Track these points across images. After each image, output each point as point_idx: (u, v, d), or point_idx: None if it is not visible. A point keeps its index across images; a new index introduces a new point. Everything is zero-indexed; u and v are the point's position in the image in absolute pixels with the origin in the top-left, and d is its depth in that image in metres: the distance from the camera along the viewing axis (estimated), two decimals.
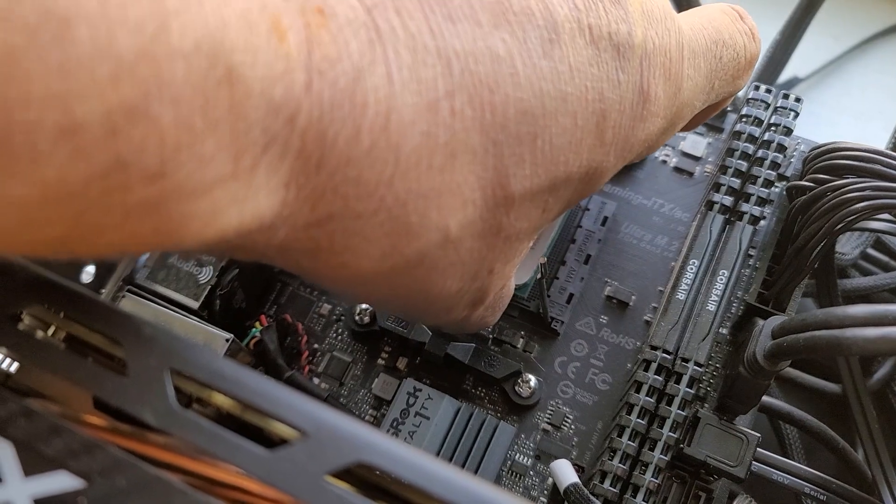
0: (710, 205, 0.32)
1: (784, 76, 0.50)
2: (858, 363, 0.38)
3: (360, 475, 0.18)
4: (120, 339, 0.17)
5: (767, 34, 0.46)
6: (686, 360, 0.29)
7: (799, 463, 0.32)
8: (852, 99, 0.53)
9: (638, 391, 0.29)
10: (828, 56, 0.54)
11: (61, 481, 0.16)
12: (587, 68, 0.21)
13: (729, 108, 0.37)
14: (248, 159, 0.16)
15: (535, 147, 0.21)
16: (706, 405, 0.31)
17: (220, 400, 0.19)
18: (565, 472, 0.29)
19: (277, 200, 0.17)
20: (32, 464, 0.16)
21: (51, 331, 0.20)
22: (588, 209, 0.36)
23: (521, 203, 0.22)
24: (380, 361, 0.35)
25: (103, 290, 0.34)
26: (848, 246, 0.40)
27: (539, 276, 0.31)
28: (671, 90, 0.24)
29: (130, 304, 0.31)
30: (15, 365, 0.21)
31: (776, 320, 0.28)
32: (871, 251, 0.41)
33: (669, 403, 0.29)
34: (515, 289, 0.34)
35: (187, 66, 0.14)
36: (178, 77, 0.14)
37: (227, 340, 0.30)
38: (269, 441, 0.17)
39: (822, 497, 0.30)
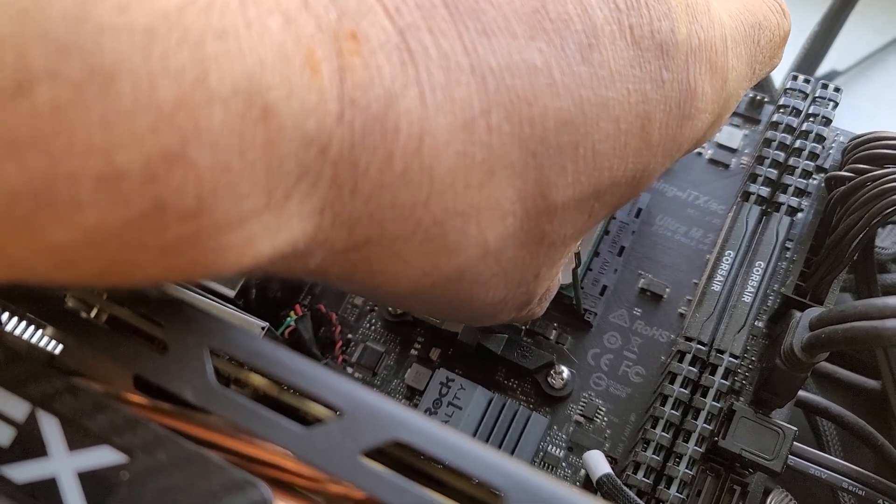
0: (746, 195, 0.32)
1: (823, 68, 0.49)
2: None
3: (394, 455, 0.18)
4: (160, 319, 0.17)
5: (806, 25, 0.45)
6: (721, 352, 0.29)
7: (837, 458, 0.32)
8: (894, 91, 0.52)
9: (672, 382, 0.29)
10: (868, 48, 0.53)
11: (104, 456, 0.16)
12: (629, 70, 0.20)
13: (766, 99, 0.37)
14: (280, 191, 0.16)
15: (577, 155, 0.20)
16: (741, 398, 0.31)
17: (257, 381, 0.20)
18: (598, 463, 0.29)
19: (311, 226, 0.17)
20: (77, 439, 0.16)
21: (94, 312, 0.21)
22: None
23: (565, 211, 0.21)
24: (412, 352, 0.35)
25: None
26: (888, 240, 0.39)
27: (572, 266, 0.31)
28: (718, 83, 0.24)
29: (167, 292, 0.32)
30: (60, 347, 0.22)
31: (814, 312, 0.28)
32: None
33: (704, 395, 0.29)
34: (559, 287, 0.34)
35: (225, 110, 0.14)
36: (215, 121, 0.14)
37: (263, 329, 0.31)
38: (306, 422, 0.17)
39: (860, 492, 0.29)
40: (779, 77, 0.44)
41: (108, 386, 0.19)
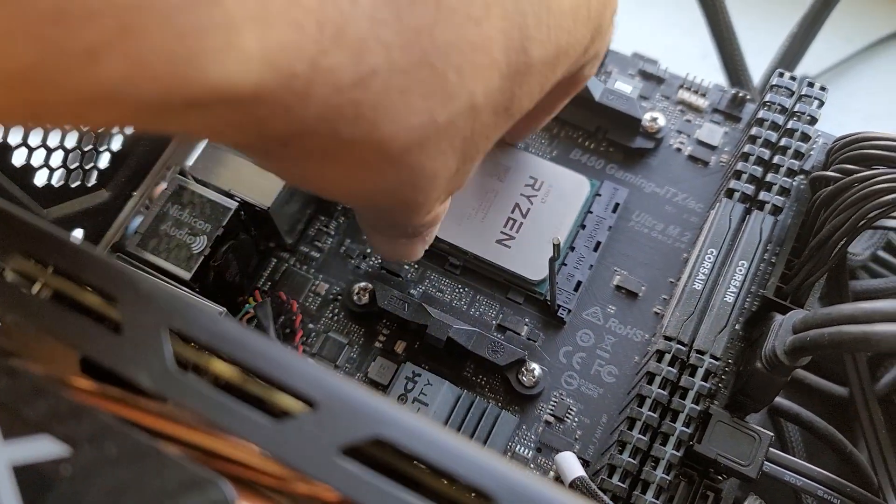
0: (729, 192, 0.31)
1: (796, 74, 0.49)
2: (867, 367, 0.37)
3: (369, 454, 0.16)
4: (114, 294, 0.15)
5: (786, 25, 0.45)
6: (701, 353, 0.28)
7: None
8: (860, 100, 0.52)
9: (650, 383, 0.28)
10: (837, 56, 0.53)
11: (44, 447, 0.14)
12: None
13: (748, 97, 0.36)
14: None
15: (551, 7, 0.21)
16: (716, 402, 0.30)
17: (220, 368, 0.18)
18: (571, 465, 0.28)
19: (309, 39, 0.16)
20: (13, 427, 0.14)
21: (36, 288, 0.19)
22: (599, 195, 0.35)
23: (534, 73, 0.22)
24: (377, 344, 0.34)
25: None
26: (859, 247, 0.39)
27: (552, 256, 0.29)
28: None
29: None
30: None
31: (797, 314, 0.27)
32: (881, 253, 0.40)
33: (683, 397, 0.28)
34: (531, 283, 0.33)
35: None
36: None
37: (220, 314, 0.29)
38: (273, 415, 0.16)
39: (835, 501, 0.28)
40: (756, 75, 0.44)
41: (50, 369, 0.17)
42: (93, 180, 0.32)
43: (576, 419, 0.32)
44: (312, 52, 0.16)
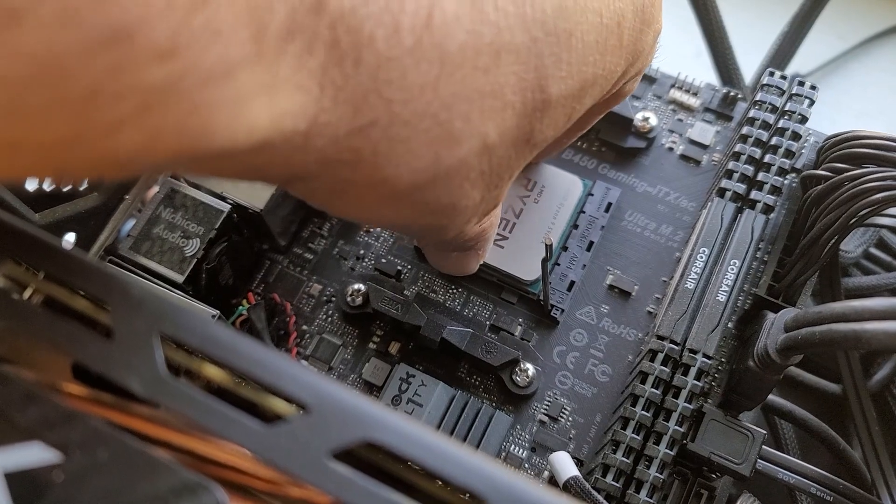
0: (721, 192, 0.31)
1: (788, 71, 0.49)
2: (860, 364, 0.37)
3: (360, 457, 0.17)
4: (105, 299, 0.15)
5: (777, 24, 0.45)
6: (694, 352, 0.28)
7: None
8: (853, 97, 0.53)
9: (644, 382, 0.28)
10: (831, 54, 0.54)
11: (36, 454, 0.14)
12: None
13: (739, 95, 0.36)
14: (270, 42, 0.15)
15: (571, 45, 0.21)
16: (710, 401, 0.30)
17: (212, 373, 0.18)
18: (565, 465, 0.28)
19: (311, 100, 0.16)
20: (4, 434, 0.14)
21: (27, 293, 0.19)
22: (592, 194, 0.35)
23: (555, 107, 0.22)
24: (371, 345, 0.34)
25: None
26: (851, 244, 0.39)
27: (544, 257, 0.29)
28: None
29: None
30: None
31: (789, 313, 0.27)
32: (873, 250, 0.40)
33: (676, 396, 0.28)
34: (525, 283, 0.33)
35: None
36: None
37: (214, 317, 0.29)
38: (265, 419, 0.16)
39: (828, 498, 0.29)
40: (749, 74, 0.44)
41: (41, 375, 0.17)
42: (84, 184, 0.32)
43: (570, 419, 0.32)
44: (313, 111, 0.17)
